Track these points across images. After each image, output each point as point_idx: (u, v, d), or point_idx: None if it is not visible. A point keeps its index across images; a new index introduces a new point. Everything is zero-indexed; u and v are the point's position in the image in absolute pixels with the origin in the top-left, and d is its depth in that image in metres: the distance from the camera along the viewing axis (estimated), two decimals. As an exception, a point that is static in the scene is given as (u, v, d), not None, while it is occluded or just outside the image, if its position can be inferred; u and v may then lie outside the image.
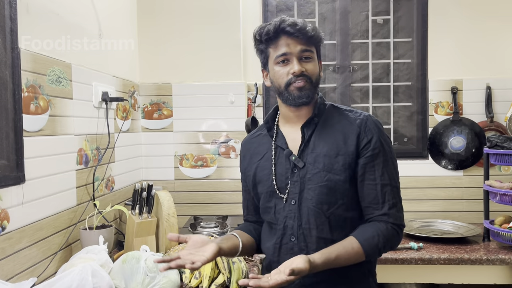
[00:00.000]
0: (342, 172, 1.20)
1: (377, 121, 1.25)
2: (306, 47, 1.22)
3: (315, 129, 1.26)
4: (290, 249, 1.24)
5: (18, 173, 1.32)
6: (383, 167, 1.21)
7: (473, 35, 2.42)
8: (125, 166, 2.20)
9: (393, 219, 1.19)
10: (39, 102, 1.44)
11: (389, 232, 1.19)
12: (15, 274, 1.32)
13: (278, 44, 1.22)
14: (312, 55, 1.24)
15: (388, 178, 1.21)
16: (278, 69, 1.23)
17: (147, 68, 2.46)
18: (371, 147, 1.20)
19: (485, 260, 1.87)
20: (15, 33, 1.31)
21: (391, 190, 1.21)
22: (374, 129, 1.22)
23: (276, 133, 1.32)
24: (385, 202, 1.20)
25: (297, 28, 1.20)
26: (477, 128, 2.40)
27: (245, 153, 1.39)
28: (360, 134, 1.21)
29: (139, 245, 1.65)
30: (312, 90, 1.23)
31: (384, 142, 1.22)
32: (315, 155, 1.23)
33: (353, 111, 1.28)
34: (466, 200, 2.42)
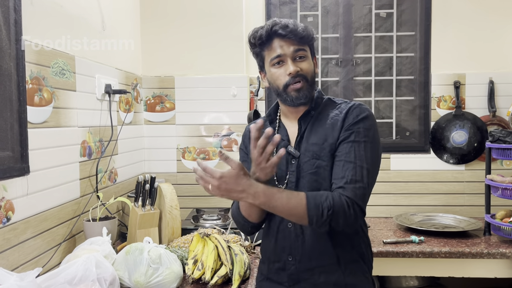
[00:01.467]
0: (328, 158, 1.24)
1: (364, 109, 1.26)
2: (299, 47, 1.26)
3: (310, 121, 1.31)
4: (288, 235, 1.30)
5: (23, 165, 1.33)
6: (351, 146, 1.21)
7: (476, 29, 2.42)
8: (127, 158, 2.21)
9: (347, 193, 1.16)
10: (43, 94, 1.45)
11: (339, 201, 1.15)
12: (20, 264, 1.33)
13: (272, 47, 1.26)
14: (306, 54, 1.28)
15: (353, 156, 1.20)
16: (275, 70, 1.28)
17: (149, 60, 2.46)
18: (346, 128, 1.23)
19: (486, 254, 1.88)
20: (19, 25, 1.32)
21: (353, 167, 1.19)
22: (358, 115, 1.24)
23: (278, 125, 1.37)
24: (344, 177, 1.19)
25: (289, 30, 1.24)
26: (479, 122, 2.40)
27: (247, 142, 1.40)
28: (345, 120, 1.25)
29: (142, 237, 1.66)
30: (309, 89, 1.28)
31: (361, 126, 1.23)
32: (307, 144, 1.28)
33: (347, 102, 1.32)
34: (468, 194, 2.42)
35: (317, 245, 1.26)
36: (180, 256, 1.59)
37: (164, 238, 1.83)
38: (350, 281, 1.26)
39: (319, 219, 1.14)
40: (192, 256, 1.54)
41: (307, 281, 1.28)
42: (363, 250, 1.31)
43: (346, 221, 1.16)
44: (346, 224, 1.16)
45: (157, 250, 1.47)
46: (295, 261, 1.28)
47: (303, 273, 1.28)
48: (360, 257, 1.30)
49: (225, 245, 1.53)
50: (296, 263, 1.28)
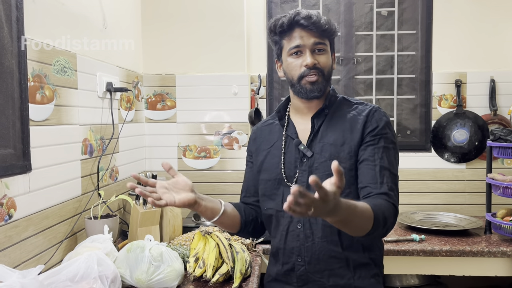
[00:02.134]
0: (347, 160, 1.22)
1: (385, 113, 1.28)
2: (319, 40, 1.23)
3: (324, 120, 1.29)
4: (297, 235, 1.28)
5: (25, 162, 1.33)
6: (383, 152, 1.21)
7: (478, 28, 2.41)
8: (129, 156, 2.21)
9: (393, 201, 1.16)
10: (45, 91, 1.45)
11: (389, 208, 1.14)
12: (22, 262, 1.33)
13: (292, 36, 1.24)
14: (325, 48, 1.25)
15: (387, 162, 1.20)
16: (291, 60, 1.26)
17: (150, 58, 2.46)
18: (375, 133, 1.22)
19: (487, 253, 1.88)
20: (21, 22, 1.32)
21: (389, 174, 1.20)
22: (381, 119, 1.24)
23: (287, 122, 1.35)
24: (384, 183, 1.17)
25: (312, 21, 1.22)
26: (480, 121, 2.40)
27: (255, 138, 1.42)
28: (366, 123, 1.24)
29: (143, 235, 1.66)
30: (324, 83, 1.26)
31: (389, 132, 1.24)
32: (322, 144, 1.26)
33: (363, 103, 1.30)
34: (468, 193, 2.42)
35: (326, 248, 1.24)
36: (181, 254, 1.59)
37: (165, 236, 1.84)
38: (359, 285, 1.25)
39: (380, 229, 1.10)
40: (193, 254, 1.54)
41: (316, 283, 1.27)
42: (375, 253, 1.29)
43: (393, 226, 1.17)
44: (392, 229, 1.17)
45: (158, 248, 1.47)
46: (304, 262, 1.27)
47: (312, 275, 1.27)
48: (372, 260, 1.28)
49: (226, 243, 1.53)
50: (305, 264, 1.27)
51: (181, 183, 1.14)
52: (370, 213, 1.06)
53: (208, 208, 1.21)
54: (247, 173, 1.45)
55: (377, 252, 1.29)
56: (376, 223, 1.07)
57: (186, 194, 1.13)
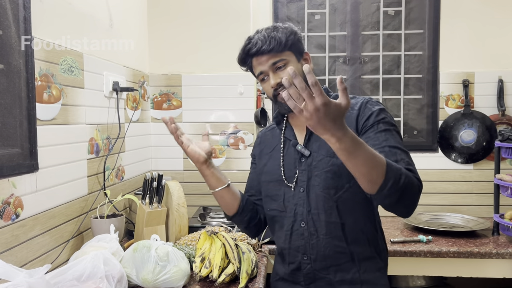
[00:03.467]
0: None
1: (377, 102, 1.27)
2: (275, 59, 1.23)
3: None
4: (301, 234, 1.29)
5: (32, 161, 1.33)
6: (386, 133, 1.17)
7: (485, 27, 2.39)
8: (135, 156, 2.21)
9: (415, 174, 1.09)
10: (52, 91, 1.45)
11: (412, 177, 1.06)
12: (29, 261, 1.33)
13: (253, 66, 1.28)
14: (286, 61, 1.24)
15: (394, 141, 1.15)
16: (263, 85, 1.29)
17: (156, 58, 2.46)
18: (371, 121, 1.20)
19: (495, 254, 1.86)
20: (29, 22, 1.32)
21: (401, 152, 1.14)
22: (373, 107, 1.23)
23: (285, 126, 1.38)
24: (399, 160, 1.10)
25: (257, 48, 1.23)
26: (488, 121, 2.38)
27: (259, 142, 1.48)
28: (359, 115, 1.23)
29: (149, 235, 1.66)
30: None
31: (385, 116, 1.21)
32: (319, 143, 1.27)
33: (356, 97, 1.30)
34: (476, 194, 2.40)
35: (331, 244, 1.26)
36: (187, 254, 1.59)
37: (171, 236, 1.83)
38: (365, 278, 1.27)
39: (395, 184, 1.01)
40: (199, 254, 1.54)
41: (323, 279, 1.28)
42: (380, 246, 1.31)
43: (414, 199, 1.08)
44: (413, 202, 1.08)
45: (164, 247, 1.47)
46: (310, 260, 1.29)
47: (318, 272, 1.29)
48: (377, 253, 1.30)
49: (232, 243, 1.53)
50: (311, 262, 1.29)
51: (202, 144, 1.32)
52: (381, 160, 0.99)
53: (214, 175, 1.33)
54: (250, 174, 1.51)
55: (380, 245, 1.31)
56: (389, 174, 0.99)
57: (200, 152, 1.29)
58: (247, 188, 1.51)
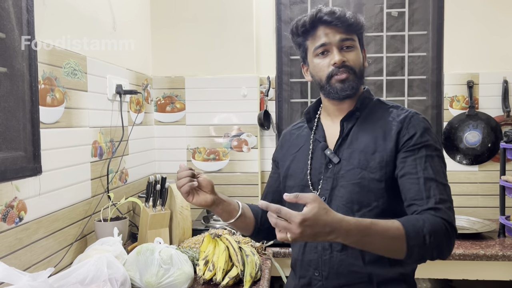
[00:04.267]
0: (377, 170, 1.11)
1: (424, 118, 1.15)
2: (346, 36, 1.14)
3: (355, 123, 1.19)
4: (314, 247, 1.18)
5: (35, 165, 1.33)
6: (426, 161, 1.07)
7: (490, 28, 2.38)
8: (138, 158, 2.21)
9: (442, 214, 1.01)
10: (55, 94, 1.45)
11: (436, 223, 0.98)
12: (32, 264, 1.33)
13: (316, 35, 1.16)
14: (354, 44, 1.16)
15: (433, 172, 1.06)
16: (318, 61, 1.17)
17: (160, 61, 2.46)
18: (413, 142, 1.09)
19: (501, 256, 1.85)
20: (32, 25, 1.32)
21: (436, 185, 1.05)
22: (418, 125, 1.12)
23: (317, 125, 1.26)
24: (430, 197, 1.03)
25: (335, 17, 1.13)
26: (493, 122, 2.36)
27: (283, 143, 1.35)
28: (402, 131, 1.12)
29: (152, 237, 1.66)
30: (356, 81, 1.16)
31: (429, 138, 1.10)
32: (351, 150, 1.16)
33: (400, 107, 1.19)
34: (481, 196, 2.39)
35: (345, 262, 1.13)
36: (191, 256, 1.58)
37: (174, 239, 1.83)
38: None
39: (421, 248, 0.96)
40: (203, 257, 1.53)
41: None
42: (406, 268, 1.14)
43: (449, 247, 1.01)
44: (449, 251, 1.01)
45: (168, 250, 1.47)
46: (321, 277, 1.16)
47: None
48: (402, 277, 1.14)
49: (236, 246, 1.52)
50: (323, 279, 1.16)
51: (202, 182, 1.16)
52: (399, 231, 0.94)
53: (225, 211, 1.20)
54: (269, 178, 1.39)
55: (408, 267, 1.15)
56: (410, 241, 0.95)
57: (205, 196, 1.15)
58: (264, 194, 1.39)
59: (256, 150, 2.44)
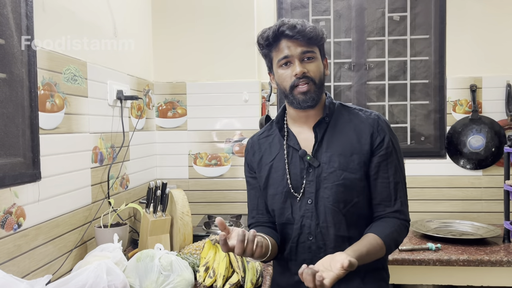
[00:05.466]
0: (357, 171, 1.23)
1: (386, 120, 1.30)
2: (306, 49, 1.21)
3: (327, 128, 1.28)
4: (308, 248, 1.26)
5: (34, 171, 1.33)
6: (395, 165, 1.25)
7: (492, 31, 2.37)
8: (139, 164, 2.20)
9: (404, 216, 1.25)
10: (55, 100, 1.45)
11: (401, 228, 1.23)
12: (31, 271, 1.32)
13: (279, 48, 1.23)
14: (314, 55, 1.23)
15: (399, 176, 1.26)
16: (282, 72, 1.24)
17: (161, 66, 2.46)
18: (384, 146, 1.24)
19: (506, 262, 1.82)
20: (31, 31, 1.32)
21: (401, 187, 1.26)
22: (386, 128, 1.26)
23: (287, 132, 1.31)
24: (397, 199, 1.24)
25: (296, 31, 1.20)
26: (496, 126, 2.34)
27: (254, 152, 1.36)
28: (374, 133, 1.24)
29: (153, 243, 1.65)
30: (316, 92, 1.23)
31: (394, 141, 1.27)
32: (329, 154, 1.24)
33: (363, 110, 1.31)
34: (486, 201, 2.36)
35: None
36: (191, 263, 1.57)
37: (175, 245, 1.82)
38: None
39: (393, 250, 1.24)
40: (203, 263, 1.52)
41: None
42: (384, 259, 1.31)
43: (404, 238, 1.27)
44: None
45: (168, 257, 1.45)
46: None
47: None
48: (382, 265, 1.30)
49: (237, 252, 1.50)
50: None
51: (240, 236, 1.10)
52: (382, 248, 1.17)
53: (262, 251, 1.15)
54: (250, 190, 1.39)
55: (385, 257, 1.32)
56: (388, 250, 1.20)
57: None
58: (254, 208, 1.38)
59: (258, 155, 2.43)
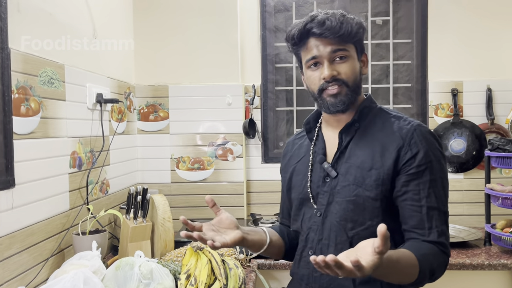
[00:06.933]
0: (373, 188, 1.08)
1: (428, 131, 1.10)
2: (337, 47, 1.09)
3: (354, 135, 1.15)
4: (307, 263, 1.16)
5: (8, 177, 1.28)
6: (430, 187, 1.05)
7: (473, 36, 2.39)
8: (120, 169, 2.16)
9: (446, 249, 1.05)
10: (30, 103, 1.40)
11: (440, 259, 1.03)
12: (5, 282, 1.27)
13: (308, 47, 1.12)
14: (348, 54, 1.11)
15: (435, 200, 1.05)
16: (310, 73, 1.14)
17: (143, 69, 2.42)
18: (416, 163, 1.05)
19: (487, 265, 1.83)
20: (5, 33, 1.27)
21: (438, 215, 1.05)
22: (422, 142, 1.06)
23: (317, 136, 1.22)
24: (432, 228, 1.04)
25: (325, 28, 1.08)
26: (477, 130, 2.37)
27: (286, 153, 1.32)
28: (403, 147, 1.07)
29: (133, 250, 1.61)
30: (349, 95, 1.11)
31: (433, 158, 1.06)
32: (348, 165, 1.12)
33: (402, 117, 1.14)
34: (467, 204, 2.38)
35: (335, 282, 1.11)
36: (172, 270, 1.53)
37: (156, 252, 1.78)
38: None
39: (425, 281, 1.01)
40: (185, 271, 1.49)
41: None
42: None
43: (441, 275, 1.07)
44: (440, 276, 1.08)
45: (148, 264, 1.42)
46: None
47: None
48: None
49: (219, 259, 1.48)
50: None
51: (226, 221, 1.06)
52: (415, 266, 0.97)
53: (255, 241, 1.13)
54: (282, 192, 1.34)
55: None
56: (421, 276, 0.98)
57: (234, 233, 1.04)
58: (280, 210, 1.36)
59: (241, 159, 2.41)
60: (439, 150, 1.09)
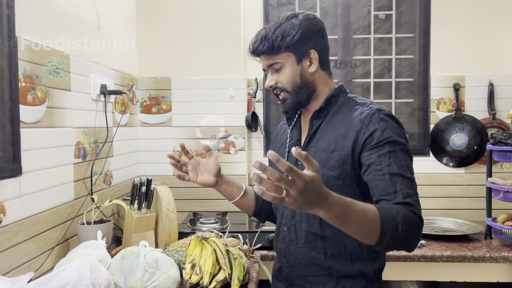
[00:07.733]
0: (335, 168, 1.15)
1: (387, 114, 1.15)
2: (271, 61, 1.22)
3: (323, 121, 1.24)
4: (283, 238, 1.29)
5: (15, 165, 1.28)
6: (391, 157, 1.08)
7: (476, 31, 2.40)
8: (123, 160, 2.17)
9: (412, 208, 1.02)
10: (37, 93, 1.41)
11: (409, 215, 1.00)
12: (12, 269, 1.28)
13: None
14: (281, 64, 1.21)
15: (397, 167, 1.07)
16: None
17: (146, 61, 2.42)
18: (375, 140, 1.10)
19: (488, 258, 1.85)
20: (12, 21, 1.28)
21: (402, 180, 1.06)
22: (380, 123, 1.12)
23: (296, 122, 1.33)
24: (397, 192, 1.04)
25: (252, 51, 1.24)
26: (479, 125, 2.38)
27: (274, 137, 1.45)
28: (361, 129, 1.13)
29: (137, 241, 1.62)
30: (293, 98, 1.24)
31: (392, 135, 1.10)
32: (315, 149, 1.21)
33: (365, 104, 1.20)
34: (468, 198, 2.40)
35: (309, 254, 1.22)
36: (177, 260, 1.54)
37: (160, 242, 1.79)
38: None
39: (393, 236, 0.96)
40: (189, 260, 1.50)
41: (300, 286, 1.26)
42: (367, 267, 1.19)
43: (417, 240, 1.03)
44: (416, 243, 1.03)
45: (153, 254, 1.43)
46: (288, 265, 1.28)
47: (296, 278, 1.27)
48: (361, 273, 1.19)
49: (223, 249, 1.49)
50: (290, 267, 1.28)
51: (210, 165, 1.34)
52: (374, 215, 0.94)
53: (227, 191, 1.38)
54: None
55: (369, 265, 1.19)
56: (384, 227, 0.95)
57: (208, 177, 1.33)
58: None
59: (244, 152, 2.41)
60: (398, 129, 1.13)
